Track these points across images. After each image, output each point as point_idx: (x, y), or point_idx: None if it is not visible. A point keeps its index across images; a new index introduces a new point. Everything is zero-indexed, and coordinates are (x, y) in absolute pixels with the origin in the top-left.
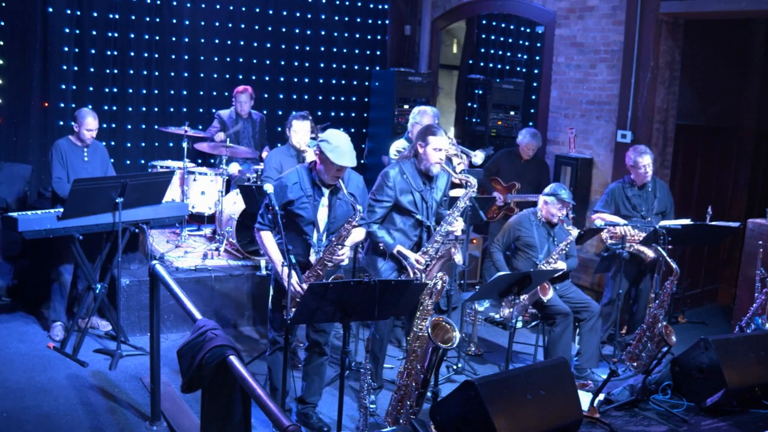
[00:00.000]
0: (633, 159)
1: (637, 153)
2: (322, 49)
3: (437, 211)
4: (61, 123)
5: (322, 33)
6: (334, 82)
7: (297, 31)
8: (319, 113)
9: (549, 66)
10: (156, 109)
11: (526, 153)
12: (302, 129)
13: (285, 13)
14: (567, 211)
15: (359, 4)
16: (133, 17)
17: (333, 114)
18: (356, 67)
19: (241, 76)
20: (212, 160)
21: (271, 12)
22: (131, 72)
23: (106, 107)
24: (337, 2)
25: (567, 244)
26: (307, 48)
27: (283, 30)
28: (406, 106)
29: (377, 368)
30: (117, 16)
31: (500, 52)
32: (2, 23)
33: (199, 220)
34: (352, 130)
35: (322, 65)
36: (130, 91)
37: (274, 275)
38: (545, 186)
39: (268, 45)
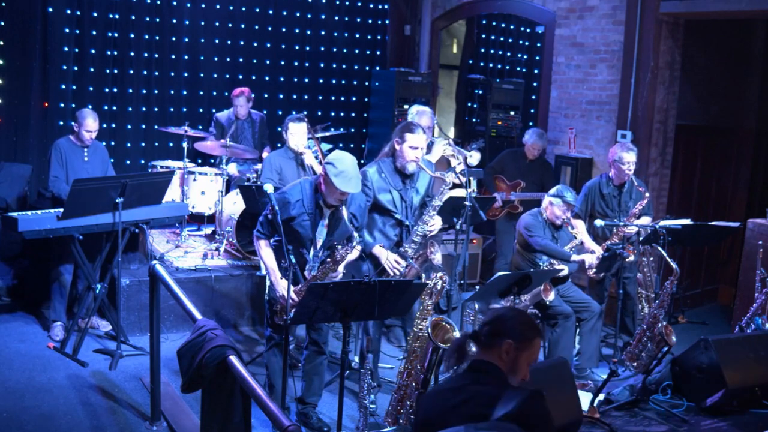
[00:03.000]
0: (618, 154)
1: (624, 148)
2: (322, 49)
3: (418, 211)
4: (61, 123)
5: (322, 33)
6: (334, 82)
7: (297, 31)
8: (319, 113)
9: (549, 66)
10: (156, 109)
11: (532, 153)
12: (298, 131)
13: (285, 13)
14: (571, 213)
15: (359, 4)
16: (133, 17)
17: (333, 114)
18: (356, 67)
19: (241, 76)
20: (212, 160)
21: (271, 12)
22: (131, 72)
23: (106, 107)
24: (337, 2)
25: (572, 248)
26: (307, 48)
27: (283, 30)
28: (406, 106)
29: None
30: (117, 16)
31: (500, 52)
32: (2, 23)
33: (199, 220)
34: (352, 130)
35: (322, 65)
36: (130, 91)
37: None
38: (549, 186)
39: (268, 45)
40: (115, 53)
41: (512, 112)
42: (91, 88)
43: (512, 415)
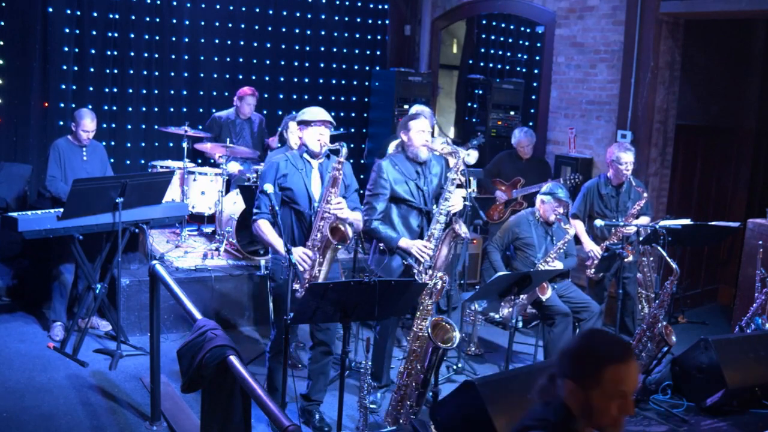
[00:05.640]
0: (616, 154)
1: (622, 148)
2: (322, 49)
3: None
4: (61, 123)
5: (322, 33)
6: (334, 82)
7: (297, 31)
8: None
9: (549, 66)
10: (156, 109)
11: (523, 152)
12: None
13: (285, 13)
14: (564, 210)
15: (359, 4)
16: (133, 17)
17: (333, 114)
18: (356, 67)
19: (241, 76)
20: (212, 160)
21: (271, 12)
22: (131, 72)
23: (106, 107)
24: (337, 2)
25: (564, 243)
26: (307, 48)
27: (283, 30)
28: (406, 106)
29: (380, 366)
30: (117, 16)
31: (500, 52)
32: (2, 23)
33: (199, 220)
34: (352, 130)
35: (322, 65)
36: (130, 91)
37: (271, 273)
38: None
39: (268, 45)
40: (115, 53)
41: (512, 112)
42: (91, 88)
43: None
